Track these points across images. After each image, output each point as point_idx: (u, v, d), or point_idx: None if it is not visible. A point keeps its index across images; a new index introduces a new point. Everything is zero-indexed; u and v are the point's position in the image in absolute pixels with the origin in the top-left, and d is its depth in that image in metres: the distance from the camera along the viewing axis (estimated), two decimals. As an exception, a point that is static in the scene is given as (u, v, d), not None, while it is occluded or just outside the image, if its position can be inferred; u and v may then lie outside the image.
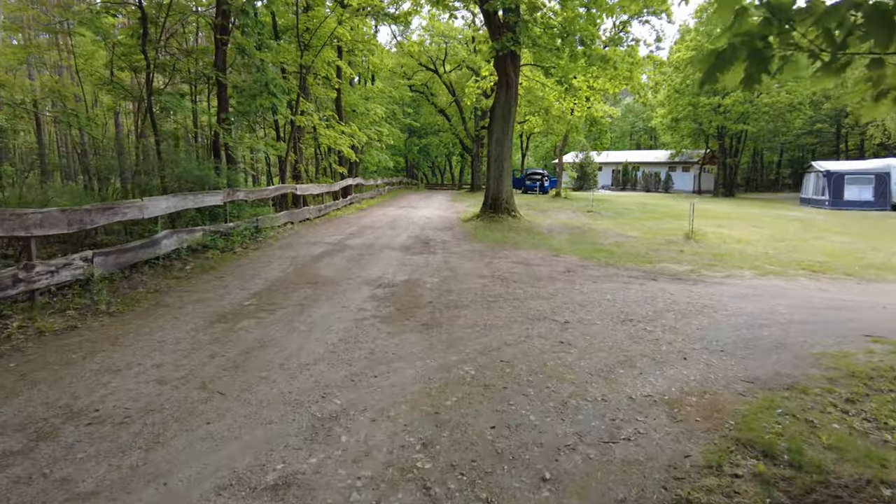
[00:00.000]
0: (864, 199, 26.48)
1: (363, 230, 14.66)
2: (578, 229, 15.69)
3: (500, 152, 16.63)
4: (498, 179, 16.73)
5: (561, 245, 12.65)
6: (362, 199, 25.70)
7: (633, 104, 77.71)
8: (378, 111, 25.46)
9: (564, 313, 6.46)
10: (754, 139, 45.56)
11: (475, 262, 10.12)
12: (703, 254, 11.67)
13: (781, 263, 10.70)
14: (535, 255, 11.04)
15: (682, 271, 9.66)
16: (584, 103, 17.84)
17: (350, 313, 6.36)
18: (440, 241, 12.90)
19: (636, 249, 12.18)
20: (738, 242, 13.60)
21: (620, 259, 10.82)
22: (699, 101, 37.19)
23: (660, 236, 14.31)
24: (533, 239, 13.56)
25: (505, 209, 16.71)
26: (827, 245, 13.53)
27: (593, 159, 50.13)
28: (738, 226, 17.53)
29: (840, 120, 45.28)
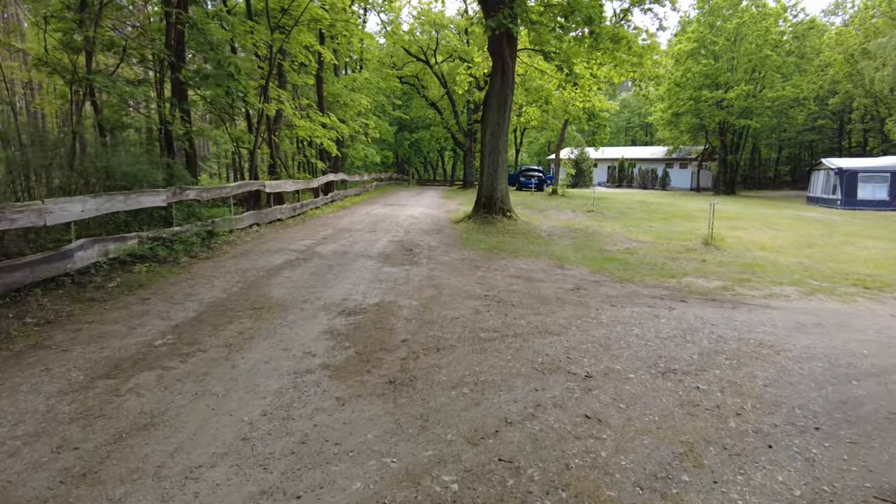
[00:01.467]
0: (878, 199, 25.02)
1: (339, 234, 12.95)
2: (581, 232, 14.06)
3: (495, 146, 14.96)
4: (492, 176, 15.06)
5: (565, 253, 11.01)
6: (346, 196, 23.96)
7: (629, 99, 76.33)
8: (363, 102, 23.70)
9: (584, 360, 4.80)
10: (755, 135, 44.14)
11: (466, 275, 8.45)
12: (729, 264, 10.06)
13: (825, 277, 9.10)
14: (536, 267, 9.39)
15: (714, 289, 8.03)
16: (586, 92, 16.21)
17: (291, 361, 4.67)
18: (426, 247, 11.22)
19: (652, 258, 10.55)
20: (763, 249, 12.01)
21: (637, 271, 9.18)
22: (701, 95, 35.63)
23: (674, 241, 12.70)
24: (532, 245, 11.91)
25: (500, 209, 15.05)
26: (863, 252, 11.96)
27: (589, 155, 48.63)
28: (755, 228, 15.96)
29: (844, 116, 43.91)
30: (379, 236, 12.58)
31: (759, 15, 34.30)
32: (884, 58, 22.95)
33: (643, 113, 70.04)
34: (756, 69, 35.06)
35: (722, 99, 35.10)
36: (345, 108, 24.13)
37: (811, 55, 35.44)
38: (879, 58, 23.79)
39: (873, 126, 40.06)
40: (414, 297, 6.99)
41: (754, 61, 34.03)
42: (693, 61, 37.11)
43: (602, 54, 14.62)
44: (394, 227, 14.27)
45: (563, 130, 29.80)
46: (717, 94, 35.18)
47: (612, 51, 12.93)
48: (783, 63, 34.32)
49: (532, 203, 23.54)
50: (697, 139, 44.16)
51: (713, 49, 35.83)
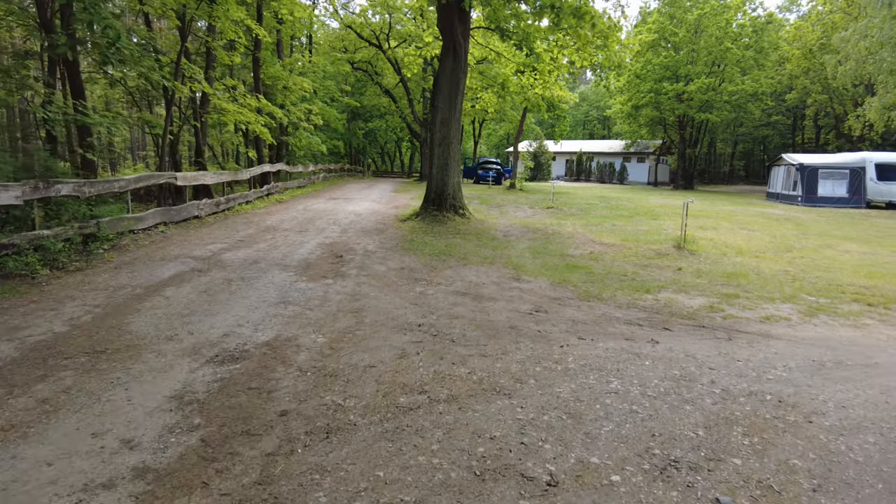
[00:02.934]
0: (838, 196, 24.57)
1: (261, 234, 11.12)
2: (541, 233, 12.61)
3: (447, 135, 13.35)
4: (443, 169, 13.45)
5: (522, 259, 9.50)
6: (287, 188, 21.94)
7: (587, 92, 75.93)
8: (305, 86, 21.68)
9: (545, 446, 3.25)
10: (712, 130, 43.92)
11: (401, 293, 6.83)
12: (709, 273, 8.75)
13: (819, 290, 7.87)
14: (487, 278, 7.84)
15: (699, 308, 6.65)
16: (546, 78, 14.78)
17: (91, 461, 2.96)
18: (361, 252, 9.54)
19: (620, 266, 9.16)
20: (741, 253, 10.81)
21: (606, 284, 7.74)
22: (662, 88, 34.85)
23: (643, 244, 11.38)
24: (485, 248, 10.37)
25: (451, 206, 13.47)
26: (845, 258, 10.90)
27: (548, 148, 47.62)
28: (725, 228, 14.86)
29: (797, 112, 44.12)
30: (308, 238, 10.81)
31: (719, 7, 33.68)
32: (846, 52, 22.36)
33: (601, 106, 69.77)
34: (716, 62, 34.49)
35: (682, 91, 34.40)
36: (286, 92, 22.07)
37: (769, 50, 35.09)
38: (842, 52, 23.23)
39: (827, 122, 40.26)
40: (324, 329, 5.33)
41: (715, 54, 33.43)
42: (653, 53, 36.32)
43: (564, 35, 13.16)
44: (329, 227, 12.50)
45: (521, 121, 28.42)
46: (677, 86, 34.45)
47: (576, 28, 11.45)
48: (742, 57, 33.83)
49: (489, 198, 22.07)
50: (656, 133, 43.65)
51: (674, 40, 35.09)
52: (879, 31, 20.50)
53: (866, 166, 24.34)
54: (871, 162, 24.39)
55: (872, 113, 22.27)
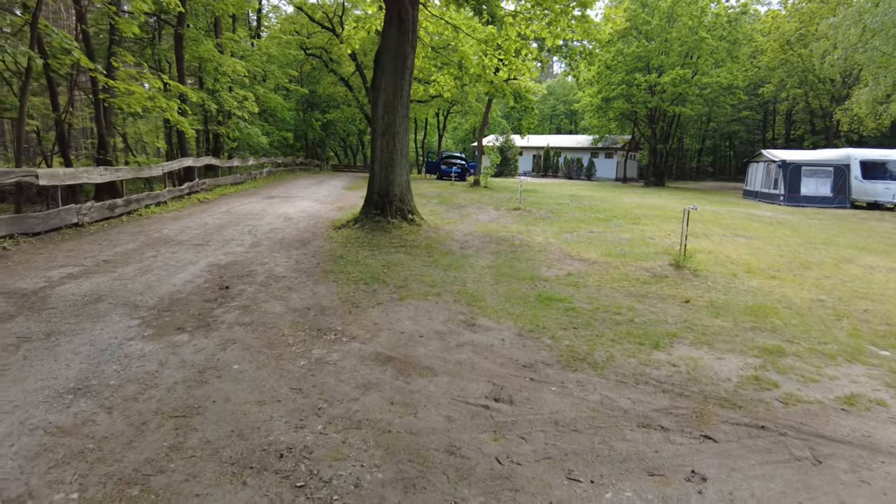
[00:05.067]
0: (822, 195, 22.99)
1: (141, 250, 8.49)
2: (507, 244, 10.28)
3: (391, 122, 10.89)
4: (388, 164, 10.99)
5: (481, 286, 7.14)
6: (218, 185, 19.12)
7: (554, 86, 74.16)
8: (238, 68, 18.86)
9: None
10: (683, 125, 42.49)
11: (284, 364, 4.39)
12: (727, 307, 6.55)
13: (884, 335, 5.74)
14: (429, 324, 5.45)
15: (741, 381, 4.40)
16: (512, 59, 12.47)
17: None
18: (261, 278, 7.04)
19: (610, 296, 6.89)
20: (751, 272, 8.69)
21: (595, 331, 5.43)
22: (634, 79, 32.98)
23: (631, 260, 9.15)
24: (434, 269, 7.98)
25: (398, 210, 11.03)
26: (880, 277, 8.89)
27: (515, 143, 45.54)
28: (718, 235, 12.81)
29: (769, 107, 43.01)
30: (201, 256, 8.23)
31: (693, -6, 31.96)
32: (835, 39, 20.70)
33: (569, 100, 68.24)
34: (690, 53, 32.81)
35: (655, 83, 32.60)
36: (217, 75, 19.21)
37: (743, 41, 33.59)
38: (830, 39, 21.58)
39: (803, 118, 39.18)
40: (96, 471, 2.85)
41: (689, 44, 31.71)
42: (624, 43, 34.44)
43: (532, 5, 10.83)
44: (240, 237, 9.91)
45: (486, 112, 26.09)
46: (650, 77, 32.64)
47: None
48: (716, 48, 32.23)
49: (450, 196, 19.67)
50: (625, 128, 41.99)
51: (646, 30, 33.25)
52: (872, 17, 18.85)
53: (851, 164, 22.82)
54: (856, 159, 22.88)
55: (861, 107, 20.70)
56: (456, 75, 14.19)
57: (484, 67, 12.98)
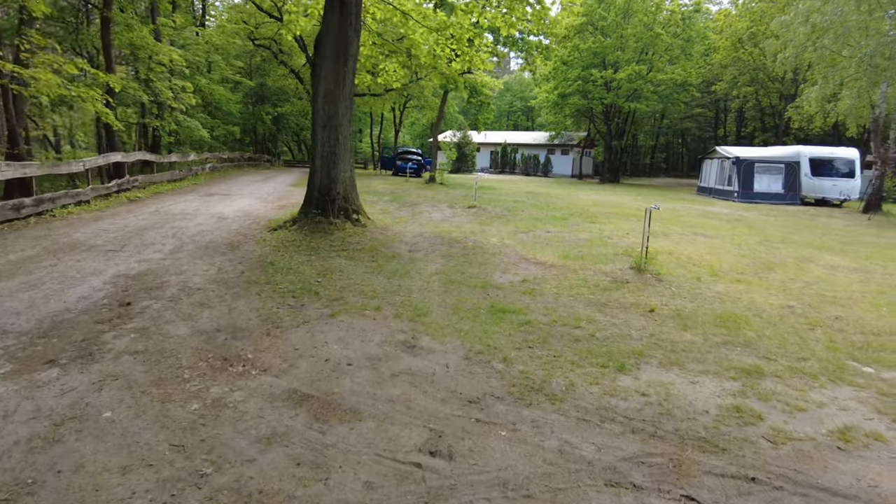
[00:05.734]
0: (773, 191, 23.23)
1: (40, 258, 7.39)
2: (459, 246, 9.56)
3: (333, 113, 10.00)
4: (329, 159, 10.10)
5: (427, 296, 6.39)
6: (153, 183, 17.75)
7: (511, 82, 73.99)
8: (175, 56, 17.52)
9: None
10: (637, 122, 42.76)
11: (171, 408, 3.53)
12: (694, 317, 5.99)
13: (861, 347, 5.27)
14: (361, 347, 4.67)
15: (720, 413, 3.79)
16: (465, 49, 11.74)
17: None
18: (172, 291, 6.10)
19: (569, 305, 6.25)
20: (716, 275, 8.22)
21: (553, 351, 4.76)
22: (591, 75, 32.78)
23: (590, 263, 8.57)
24: (377, 276, 7.18)
25: (341, 209, 10.16)
26: (842, 279, 8.57)
27: (472, 139, 44.98)
28: (677, 234, 12.44)
29: (720, 104, 43.74)
30: (110, 264, 7.19)
31: (648, -10, 31.97)
32: (786, 38, 20.79)
33: (525, 97, 68.20)
34: (645, 50, 32.83)
35: (611, 79, 32.50)
36: (150, 63, 17.81)
37: (696, 39, 33.86)
38: (781, 38, 21.69)
39: (753, 115, 39.92)
40: None
41: (644, 40, 31.70)
42: (580, 39, 34.22)
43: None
44: (161, 241, 8.86)
45: (442, 106, 25.34)
46: (606, 73, 32.51)
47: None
48: (671, 45, 32.35)
49: (403, 194, 18.85)
50: (581, 125, 41.95)
51: (602, 25, 33.09)
52: (821, 16, 18.94)
53: (801, 161, 23.13)
54: (806, 156, 23.19)
55: (811, 105, 20.89)
56: (404, 63, 13.37)
57: (435, 57, 12.20)
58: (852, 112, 20.20)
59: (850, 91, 19.89)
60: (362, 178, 27.53)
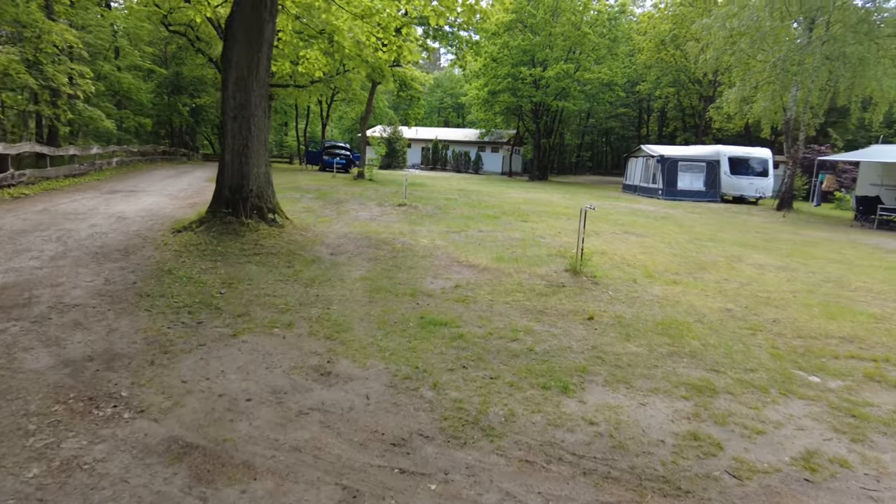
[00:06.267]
0: (696, 189, 23.97)
1: None
2: (387, 248, 8.90)
3: (245, 102, 9.07)
4: (241, 153, 9.15)
5: (348, 308, 5.71)
6: (47, 178, 15.94)
7: (441, 78, 73.66)
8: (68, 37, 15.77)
9: None
10: (565, 120, 43.45)
11: (2, 473, 2.69)
12: (635, 325, 5.65)
13: (803, 353, 5.06)
14: (267, 375, 3.94)
15: (677, 444, 3.37)
16: (392, 38, 11.07)
17: None
18: (41, 311, 5.11)
19: (504, 314, 5.75)
20: (651, 277, 8.01)
21: (490, 371, 4.22)
22: (520, 72, 32.82)
23: (524, 265, 8.14)
24: (291, 285, 6.42)
25: (255, 208, 9.24)
26: (772, 279, 8.59)
27: (403, 134, 44.21)
28: (608, 232, 12.30)
29: (643, 104, 45.15)
30: (-35, 275, 6.05)
31: (576, -10, 32.34)
32: (707, 40, 21.44)
33: (456, 93, 68.07)
34: (573, 48, 33.21)
35: (540, 77, 32.67)
36: (39, 43, 15.98)
37: (622, 39, 34.64)
38: (702, 40, 22.36)
39: (675, 115, 41.41)
40: None
41: (572, 38, 32.05)
42: (510, 36, 34.20)
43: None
44: (43, 245, 7.67)
45: (370, 98, 24.45)
46: (535, 71, 32.64)
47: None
48: (598, 44, 32.91)
49: (329, 191, 17.92)
50: (510, 122, 42.13)
51: (531, 23, 33.19)
52: (739, 21, 19.59)
53: (721, 160, 23.99)
54: (725, 155, 24.09)
55: (730, 105, 21.66)
56: (327, 50, 12.48)
57: (360, 45, 11.44)
58: (766, 114, 21.08)
59: (765, 94, 20.74)
60: (287, 174, 26.25)
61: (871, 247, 12.90)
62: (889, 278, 8.97)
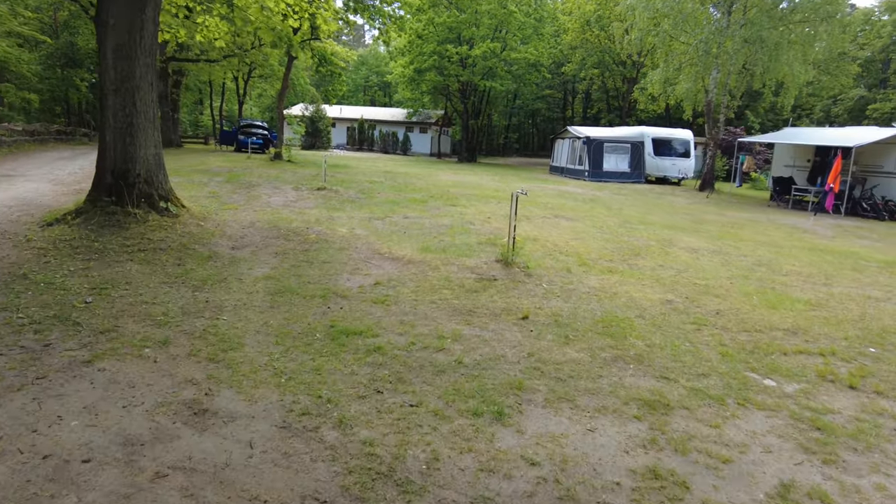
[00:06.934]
0: (621, 171, 24.12)
1: None
2: (299, 239, 7.95)
3: (128, 73, 7.78)
4: (125, 133, 7.88)
5: (243, 316, 4.80)
6: None
7: (367, 56, 71.45)
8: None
9: None
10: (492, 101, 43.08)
11: None
12: (573, 324, 5.09)
13: (749, 350, 4.66)
14: (113, 426, 3.02)
15: (640, 485, 2.77)
16: (304, 4, 9.95)
17: None
18: None
19: (430, 317, 5.03)
20: (586, 265, 7.53)
21: (413, 399, 3.49)
22: (446, 50, 31.94)
23: (453, 256, 7.45)
24: (176, 291, 5.41)
25: (143, 196, 8.01)
26: (707, 264, 8.34)
27: (326, 113, 42.36)
28: (538, 217, 11.81)
29: (568, 86, 45.45)
30: None
31: (500, -33, 31.63)
32: (632, 20, 21.40)
33: (381, 71, 66.28)
34: (499, 27, 32.64)
35: (467, 56, 31.94)
36: None
37: (548, 19, 34.41)
38: (628, 20, 22.33)
39: (600, 96, 41.89)
40: None
41: (498, 17, 31.44)
42: (435, 12, 33.17)
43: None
44: None
45: (286, 73, 22.85)
46: (461, 49, 31.86)
47: None
48: (524, 24, 32.50)
49: (242, 173, 16.49)
50: (438, 102, 41.28)
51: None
52: (663, 2, 19.60)
53: (645, 141, 24.23)
54: (649, 137, 24.35)
55: (655, 87, 21.80)
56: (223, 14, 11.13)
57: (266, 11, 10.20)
58: (688, 95, 21.36)
59: (687, 76, 20.98)
60: (198, 155, 24.28)
61: (790, 227, 13.16)
62: (814, 261, 8.97)
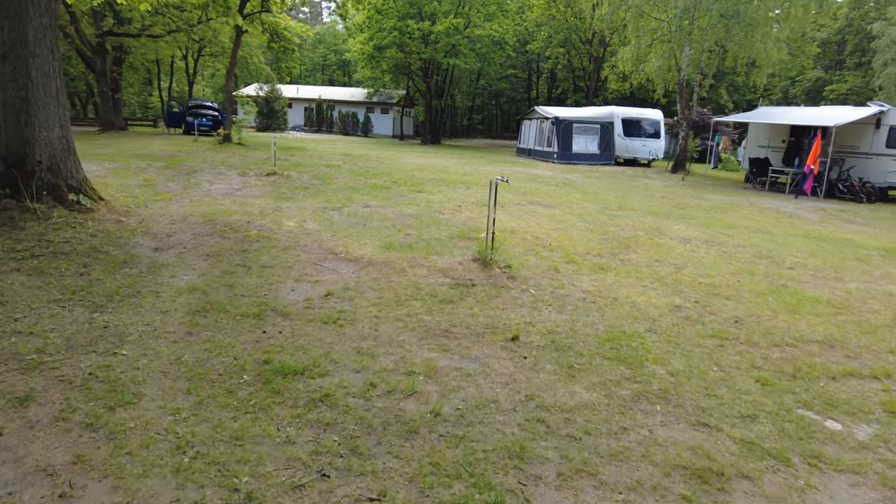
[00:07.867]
0: (591, 152, 23.30)
1: None
2: (237, 236, 6.72)
3: (20, 36, 6.35)
4: (18, 110, 6.46)
5: (150, 351, 3.63)
6: None
7: (324, 33, 68.85)
8: None
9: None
10: (456, 81, 41.75)
11: None
12: (575, 344, 4.10)
13: (793, 376, 3.76)
14: None
15: None
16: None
17: None
18: None
19: (397, 344, 3.96)
20: (574, 263, 6.55)
21: (373, 486, 2.42)
22: (407, 26, 30.42)
23: (421, 255, 6.37)
24: (69, 313, 4.18)
25: (48, 187, 6.63)
26: (705, 256, 7.48)
27: (282, 93, 40.30)
28: (513, 205, 10.76)
29: (533, 66, 44.41)
30: None
31: (462, -61, 30.16)
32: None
33: (340, 49, 63.97)
34: (462, 3, 31.26)
35: (429, 32, 30.49)
36: None
37: (512, -5, 33.20)
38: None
39: (566, 76, 40.98)
40: None
41: (461, -9, 30.09)
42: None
43: None
44: None
45: (235, 48, 21.06)
46: (423, 25, 30.38)
47: None
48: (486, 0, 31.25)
49: (186, 157, 14.93)
50: (399, 82, 39.72)
51: (417, -28, 30.73)
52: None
53: (615, 121, 23.45)
54: (619, 117, 23.58)
55: (626, 64, 20.97)
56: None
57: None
58: (660, 73, 20.58)
59: (658, 53, 20.19)
60: (142, 139, 22.37)
61: (774, 211, 12.50)
62: (815, 251, 8.23)
